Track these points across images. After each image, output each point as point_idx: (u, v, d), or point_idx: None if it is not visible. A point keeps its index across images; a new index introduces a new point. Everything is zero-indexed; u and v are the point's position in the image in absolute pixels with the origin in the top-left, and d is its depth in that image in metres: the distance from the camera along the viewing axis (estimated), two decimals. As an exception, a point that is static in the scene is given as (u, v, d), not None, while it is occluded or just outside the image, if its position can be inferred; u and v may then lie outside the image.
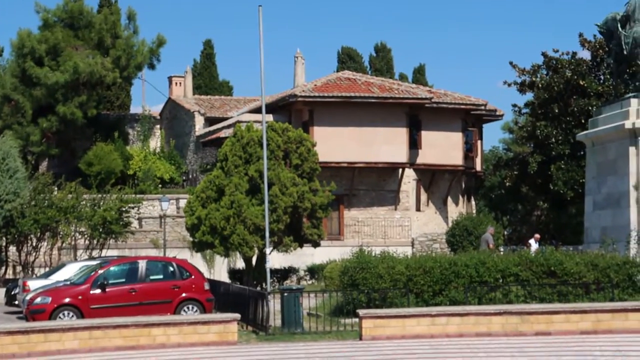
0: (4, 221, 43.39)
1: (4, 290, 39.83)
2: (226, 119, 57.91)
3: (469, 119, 56.00)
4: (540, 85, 52.81)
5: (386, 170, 52.65)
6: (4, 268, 45.90)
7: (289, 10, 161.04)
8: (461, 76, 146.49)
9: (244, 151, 35.31)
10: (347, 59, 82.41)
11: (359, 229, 51.69)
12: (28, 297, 28.50)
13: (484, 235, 36.81)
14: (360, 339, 22.98)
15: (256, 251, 34.55)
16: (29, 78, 55.99)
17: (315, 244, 36.60)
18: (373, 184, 52.94)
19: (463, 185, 57.82)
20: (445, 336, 22.93)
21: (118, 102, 67.87)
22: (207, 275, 33.92)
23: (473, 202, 60.35)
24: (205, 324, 22.24)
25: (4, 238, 44.73)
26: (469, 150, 56.02)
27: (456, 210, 55.04)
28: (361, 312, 23.52)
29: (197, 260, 42.25)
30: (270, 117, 43.23)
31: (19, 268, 45.88)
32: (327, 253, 43.93)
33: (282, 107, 52.13)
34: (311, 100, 50.75)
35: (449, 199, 55.84)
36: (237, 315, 23.28)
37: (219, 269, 45.85)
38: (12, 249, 45.75)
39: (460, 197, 57.35)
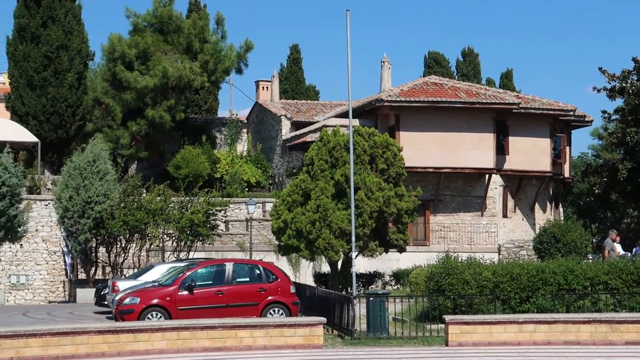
0: (94, 222, 44.16)
1: (93, 290, 40.58)
2: (312, 123, 58.11)
3: (557, 125, 55.41)
4: (630, 91, 51.87)
5: (473, 175, 52.34)
6: (93, 269, 46.65)
7: (375, 14, 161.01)
8: (549, 82, 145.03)
9: (330, 155, 35.35)
10: (434, 64, 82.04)
11: (444, 235, 51.48)
12: (117, 298, 28.93)
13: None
14: (446, 345, 22.89)
15: (341, 255, 34.57)
16: (119, 82, 56.82)
17: (401, 249, 36.49)
18: (459, 189, 52.69)
19: (551, 192, 57.22)
20: (533, 344, 22.72)
21: (206, 106, 68.60)
22: (292, 278, 34.05)
23: (561, 209, 59.66)
24: (291, 327, 22.35)
25: (94, 239, 45.41)
26: (557, 157, 55.39)
27: (543, 217, 54.53)
28: (447, 317, 23.44)
29: (282, 263, 42.46)
30: (356, 122, 43.29)
31: (108, 269, 46.64)
32: (412, 258, 43.88)
33: (369, 112, 52.14)
34: (397, 105, 50.68)
35: (537, 206, 55.29)
36: (323, 319, 23.33)
37: (304, 273, 46.02)
38: (102, 250, 46.49)
39: (548, 204, 56.76)
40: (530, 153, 52.94)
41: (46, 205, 50.56)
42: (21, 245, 49.13)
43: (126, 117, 57.41)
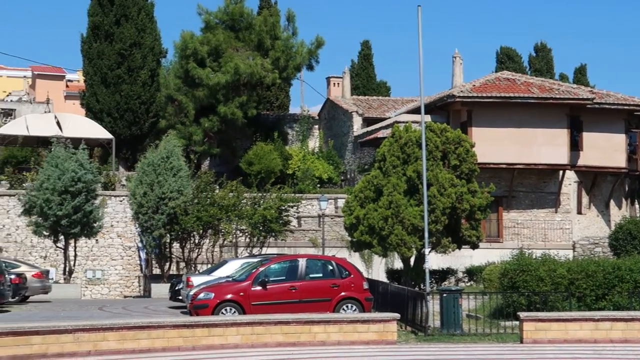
0: (168, 218, 44.63)
1: (168, 285, 41.02)
2: (384, 119, 58.01)
3: (633, 120, 54.71)
4: None
5: (546, 172, 51.92)
6: (168, 264, 47.13)
7: (447, 10, 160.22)
8: (624, 77, 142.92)
9: (402, 151, 35.27)
10: (506, 59, 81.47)
11: (518, 231, 51.15)
12: (192, 293, 29.16)
13: None
14: (521, 342, 22.75)
15: (414, 252, 34.48)
16: (191, 79, 57.37)
17: (474, 246, 36.28)
18: (533, 185, 52.31)
19: (626, 188, 56.53)
20: (609, 341, 22.47)
21: (277, 102, 68.92)
22: (365, 274, 34.01)
23: (637, 206, 58.80)
24: (365, 323, 22.38)
25: (168, 235, 45.87)
26: (632, 152, 54.68)
27: (619, 213, 53.88)
28: (522, 314, 23.29)
29: (355, 259, 42.45)
30: (428, 118, 43.11)
31: (182, 264, 47.11)
32: (485, 255, 43.66)
33: (440, 108, 51.94)
34: (469, 101, 50.43)
35: (612, 202, 54.70)
36: (397, 315, 23.34)
37: (377, 269, 46.01)
38: (176, 245, 46.96)
39: (624, 200, 56.08)
40: (605, 149, 52.39)
41: (121, 201, 51.25)
42: (97, 240, 49.87)
43: (199, 113, 57.97)
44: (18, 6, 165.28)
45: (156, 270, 48.34)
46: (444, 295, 25.45)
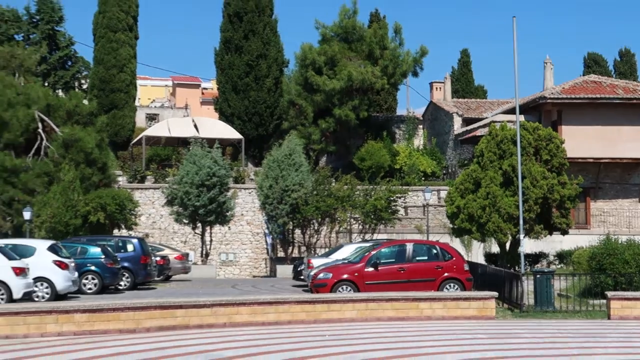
0: (290, 208, 45.01)
1: (291, 266, 41.39)
2: (481, 119, 57.52)
3: None
4: None
5: (630, 165, 50.74)
6: (290, 248, 47.55)
7: (539, 19, 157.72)
8: None
9: (498, 148, 34.92)
10: (593, 64, 79.82)
11: (604, 219, 50.10)
12: (312, 273, 29.36)
13: None
14: (609, 318, 22.33)
15: (509, 237, 34.16)
16: (310, 85, 57.69)
17: (564, 232, 35.66)
18: (617, 177, 51.17)
19: None
20: (691, 317, 21.90)
21: (386, 105, 68.81)
22: (465, 257, 33.76)
23: None
24: (466, 300, 22.27)
25: (290, 222, 46.26)
26: None
27: (698, 201, 52.34)
28: (609, 293, 22.88)
29: (456, 244, 42.08)
30: (522, 117, 42.55)
31: (303, 248, 47.44)
32: (574, 240, 42.98)
33: (533, 108, 51.17)
34: (559, 102, 49.61)
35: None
36: (495, 294, 23.14)
37: (476, 252, 45.61)
38: (298, 231, 47.33)
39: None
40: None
41: (249, 193, 51.87)
42: (229, 227, 50.57)
43: (317, 116, 58.27)
44: (160, 24, 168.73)
45: (280, 253, 48.82)
46: (538, 276, 25.16)
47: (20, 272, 25.34)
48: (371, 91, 59.87)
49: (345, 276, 27.34)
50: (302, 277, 35.61)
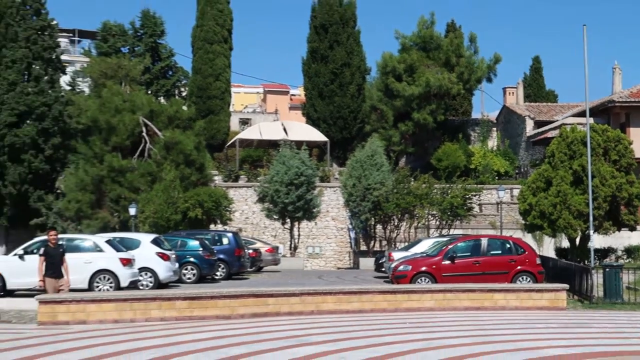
0: (372, 205, 44.95)
1: (373, 259, 41.31)
2: (552, 122, 56.63)
3: None
4: None
5: (696, 164, 49.39)
6: (372, 242, 47.47)
7: (607, 26, 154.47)
8: None
9: (568, 149, 34.28)
10: (659, 68, 77.81)
11: (671, 216, 48.79)
12: (393, 265, 29.27)
13: None
14: (675, 310, 21.77)
15: (579, 233, 33.49)
16: (390, 91, 57.56)
17: (632, 228, 34.81)
18: (684, 176, 49.80)
19: None
20: None
21: (461, 109, 68.18)
22: (537, 252, 33.23)
23: None
24: (538, 292, 21.93)
25: (372, 218, 46.21)
26: None
27: None
28: (676, 287, 22.30)
29: (528, 239, 41.50)
30: (591, 120, 41.72)
31: (384, 242, 47.31)
32: (642, 236, 42.03)
33: (602, 111, 50.16)
34: (627, 105, 48.58)
35: None
36: (566, 286, 22.75)
37: (547, 247, 44.83)
38: (379, 227, 47.23)
39: None
40: None
41: (334, 191, 51.96)
42: (315, 223, 50.73)
43: (396, 119, 58.12)
44: (252, 36, 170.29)
45: (363, 247, 48.77)
46: (607, 269, 24.67)
47: (127, 263, 25.84)
48: (448, 96, 59.43)
49: (423, 268, 27.20)
50: (383, 269, 35.51)
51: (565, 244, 38.66)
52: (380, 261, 37.17)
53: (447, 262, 27.24)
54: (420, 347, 13.24)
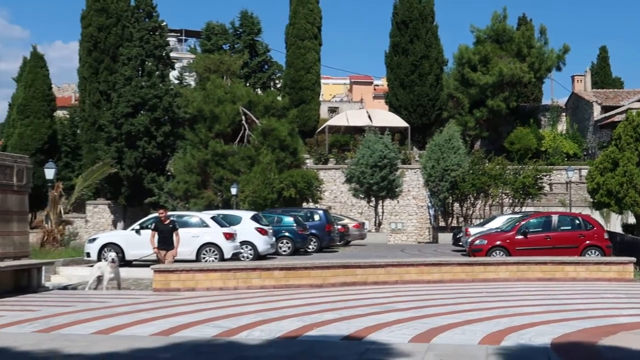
0: (450, 185, 44.54)
1: (451, 234, 40.90)
2: (619, 107, 55.01)
3: None
4: None
5: None
6: (450, 218, 47.05)
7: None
8: None
9: (634, 132, 33.32)
10: None
11: None
12: (469, 240, 28.97)
13: None
14: None
15: (645, 210, 32.56)
16: (466, 81, 56.74)
17: (695, 205, 33.64)
18: None
19: None
20: None
21: (532, 96, 66.67)
22: (604, 228, 32.40)
23: None
24: (607, 264, 21.32)
25: (450, 197, 45.80)
26: None
27: None
28: None
29: (595, 216, 40.52)
30: (656, 104, 40.41)
31: (460, 219, 46.83)
32: None
33: (666, 96, 48.52)
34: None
35: None
36: (633, 259, 22.02)
37: (614, 223, 43.63)
38: (456, 204, 46.77)
39: None
40: None
41: (415, 172, 51.62)
42: (398, 201, 50.56)
43: (472, 106, 57.31)
44: (340, 32, 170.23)
45: (441, 223, 48.34)
46: (672, 244, 23.84)
47: (230, 237, 26.18)
48: (519, 84, 58.27)
49: (498, 242, 26.84)
50: (460, 244, 35.17)
51: (632, 220, 37.60)
52: (458, 236, 36.82)
53: (520, 236, 26.80)
54: (496, 315, 13.04)
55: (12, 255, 18.39)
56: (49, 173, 32.59)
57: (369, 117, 56.44)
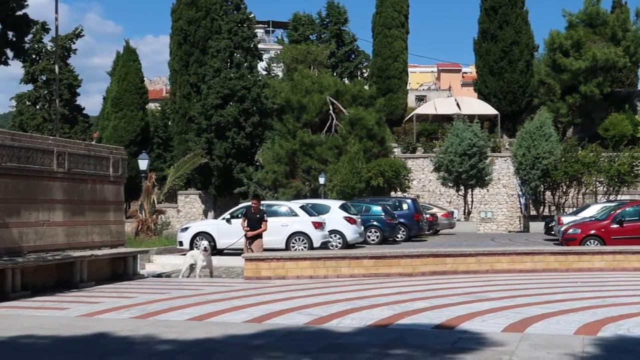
0: (541, 173, 43.67)
1: (542, 223, 40.13)
2: None
3: None
4: None
5: None
6: (541, 207, 46.20)
7: None
8: None
9: None
10: None
11: None
12: (562, 229, 28.31)
13: None
14: None
15: None
16: (558, 66, 55.40)
17: None
18: None
19: None
20: None
21: (627, 81, 64.53)
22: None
23: None
24: None
25: (541, 185, 44.94)
26: None
27: None
28: None
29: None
30: None
31: (552, 207, 45.93)
32: None
33: None
34: None
35: None
36: None
37: None
38: (547, 193, 45.91)
39: None
40: None
41: (505, 160, 50.84)
42: (487, 189, 49.89)
43: (563, 92, 55.97)
44: (427, 20, 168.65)
45: (532, 212, 47.52)
46: None
47: (319, 226, 26.31)
48: (614, 69, 56.54)
49: (592, 231, 26.12)
50: (552, 232, 34.44)
51: None
52: (550, 225, 36.08)
53: (616, 225, 26.00)
54: (592, 305, 12.72)
55: (110, 243, 18.97)
56: (143, 164, 33.43)
57: (458, 105, 55.83)
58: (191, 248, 24.45)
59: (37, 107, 58.88)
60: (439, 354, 8.78)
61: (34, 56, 57.11)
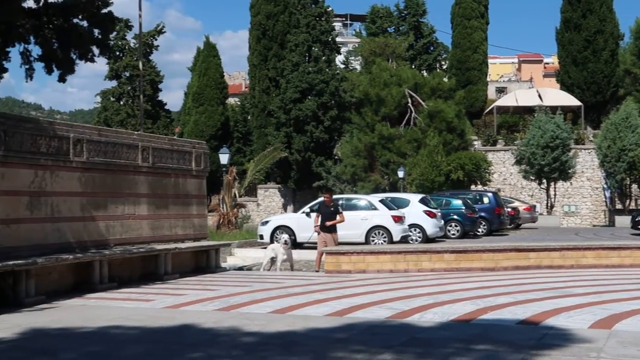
0: (627, 165, 42.52)
1: (629, 217, 39.04)
2: None
3: None
4: None
5: None
6: (628, 200, 45.02)
7: None
8: None
9: None
10: None
11: None
12: (650, 223, 27.55)
13: None
14: None
15: None
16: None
17: None
18: None
19: None
20: None
21: None
22: None
23: None
24: None
25: (628, 178, 43.79)
26: None
27: None
28: None
29: None
30: None
31: (639, 201, 44.69)
32: None
33: None
34: None
35: None
36: None
37: None
38: (634, 186, 44.72)
39: None
40: None
41: (589, 152, 49.71)
42: (571, 183, 48.87)
43: (652, 83, 54.39)
44: (507, 9, 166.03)
45: (618, 206, 46.34)
46: None
47: (398, 219, 26.22)
48: None
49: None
50: (639, 227, 33.46)
51: None
52: (637, 219, 35.06)
53: None
54: (685, 302, 12.32)
55: (192, 236, 19.31)
56: (224, 158, 33.90)
57: (539, 96, 54.78)
58: (271, 241, 24.67)
59: (121, 103, 60.29)
60: (524, 349, 8.64)
61: (117, 53, 58.46)
